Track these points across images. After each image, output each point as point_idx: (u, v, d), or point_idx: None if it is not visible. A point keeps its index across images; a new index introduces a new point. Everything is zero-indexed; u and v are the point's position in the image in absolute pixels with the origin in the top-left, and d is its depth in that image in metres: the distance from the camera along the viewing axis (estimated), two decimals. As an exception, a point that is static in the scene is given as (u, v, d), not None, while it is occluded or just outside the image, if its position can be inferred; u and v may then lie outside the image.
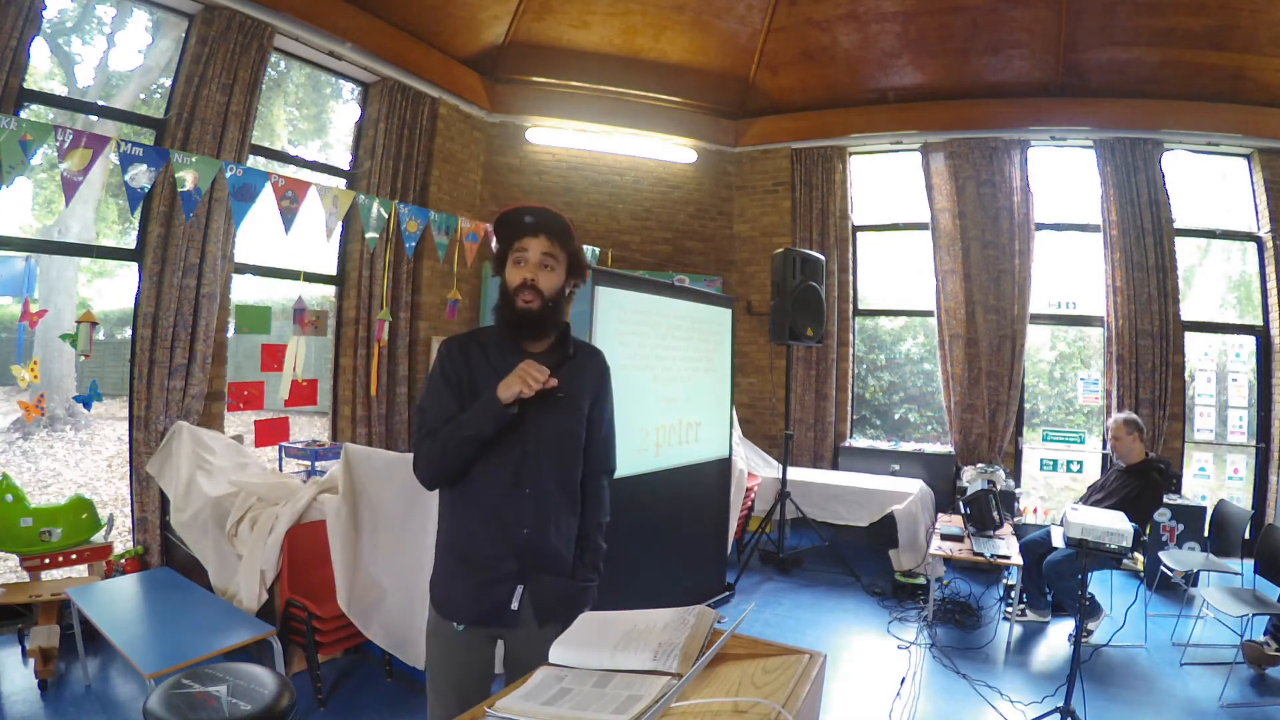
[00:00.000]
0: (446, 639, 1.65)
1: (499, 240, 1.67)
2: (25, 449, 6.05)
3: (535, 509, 1.63)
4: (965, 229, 5.90)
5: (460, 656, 1.65)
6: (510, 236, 1.63)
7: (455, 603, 1.64)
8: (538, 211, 1.62)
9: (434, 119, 5.56)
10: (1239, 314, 6.02)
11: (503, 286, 1.65)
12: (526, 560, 1.63)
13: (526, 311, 1.61)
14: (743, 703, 0.98)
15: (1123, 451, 4.01)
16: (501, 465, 1.61)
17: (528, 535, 1.62)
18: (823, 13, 5.82)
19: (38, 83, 4.78)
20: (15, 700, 2.81)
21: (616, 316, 3.51)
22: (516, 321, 1.62)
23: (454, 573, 1.65)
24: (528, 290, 1.60)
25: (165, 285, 3.83)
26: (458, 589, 1.64)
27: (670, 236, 6.68)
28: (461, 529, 1.66)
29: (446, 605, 1.65)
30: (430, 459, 1.60)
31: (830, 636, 3.93)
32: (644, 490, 3.66)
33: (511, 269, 1.63)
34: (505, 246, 1.65)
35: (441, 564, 1.69)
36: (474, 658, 1.66)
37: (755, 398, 6.57)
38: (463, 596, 1.63)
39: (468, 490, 1.64)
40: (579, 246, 1.70)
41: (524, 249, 1.62)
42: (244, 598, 3.06)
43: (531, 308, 1.61)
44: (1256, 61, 5.20)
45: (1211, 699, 3.18)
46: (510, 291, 1.63)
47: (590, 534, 1.76)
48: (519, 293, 1.61)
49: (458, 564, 1.65)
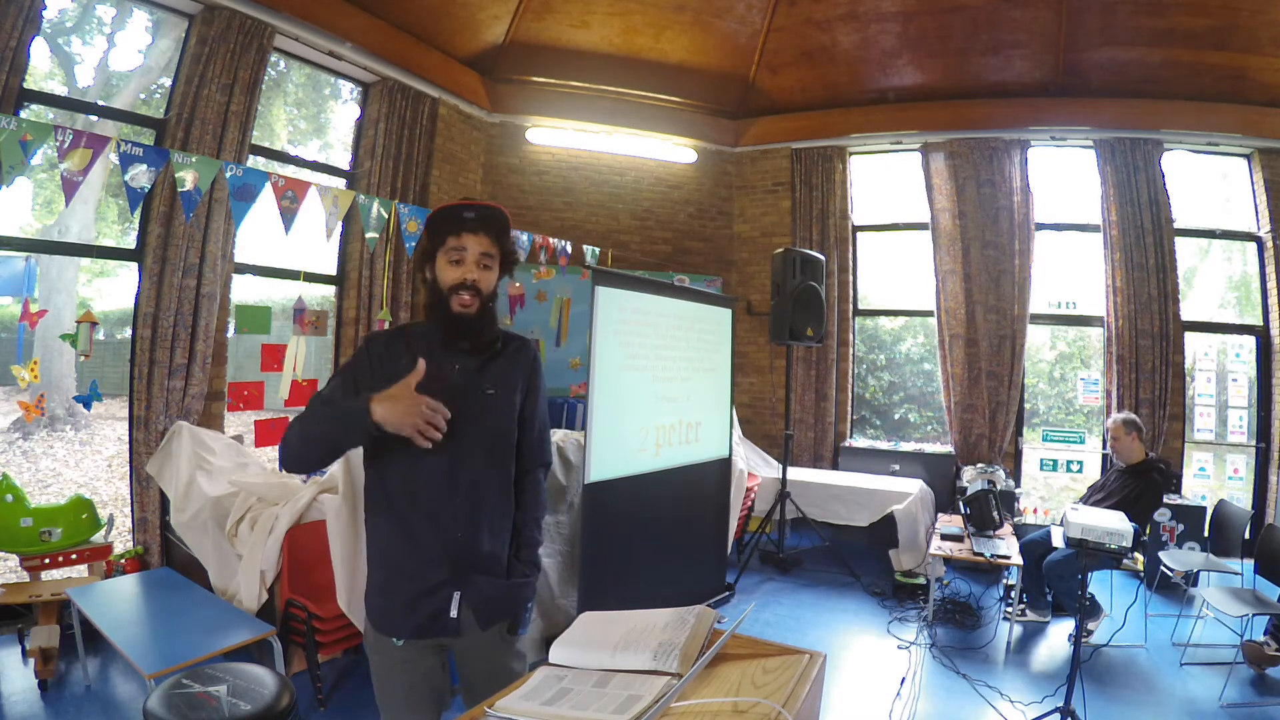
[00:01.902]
0: (387, 654, 1.57)
1: (430, 235, 1.57)
2: (25, 449, 6.05)
3: (469, 512, 1.56)
4: (965, 229, 5.90)
5: (405, 673, 1.57)
6: (444, 231, 1.54)
7: (391, 616, 1.55)
8: (480, 208, 1.55)
9: (434, 119, 5.56)
10: (1239, 314, 6.02)
11: (434, 285, 1.57)
12: (461, 565, 1.55)
13: (464, 315, 1.54)
14: (743, 703, 0.98)
15: (1122, 452, 4.01)
16: (433, 468, 1.53)
17: (461, 539, 1.55)
18: (823, 13, 5.82)
19: (38, 83, 4.79)
20: (15, 700, 2.81)
21: (616, 316, 3.51)
22: (454, 326, 1.55)
23: (387, 584, 1.57)
24: (466, 291, 1.53)
25: (165, 285, 3.83)
26: (393, 601, 1.55)
27: (670, 236, 6.68)
28: (393, 537, 1.56)
29: (382, 619, 1.57)
30: (288, 442, 1.47)
31: (830, 636, 3.93)
32: (644, 490, 3.66)
33: (447, 268, 1.54)
34: (437, 242, 1.55)
35: (373, 576, 1.60)
36: (421, 671, 1.58)
37: (755, 398, 6.57)
38: (399, 609, 1.55)
39: (397, 497, 1.55)
40: (513, 241, 1.65)
41: (461, 247, 1.53)
42: (244, 598, 3.06)
43: (469, 311, 1.54)
44: (1256, 61, 5.19)
45: (1211, 699, 3.18)
46: (444, 291, 1.54)
47: (527, 529, 1.70)
48: (455, 293, 1.53)
49: (391, 574, 1.56)
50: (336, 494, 2.94)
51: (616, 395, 3.49)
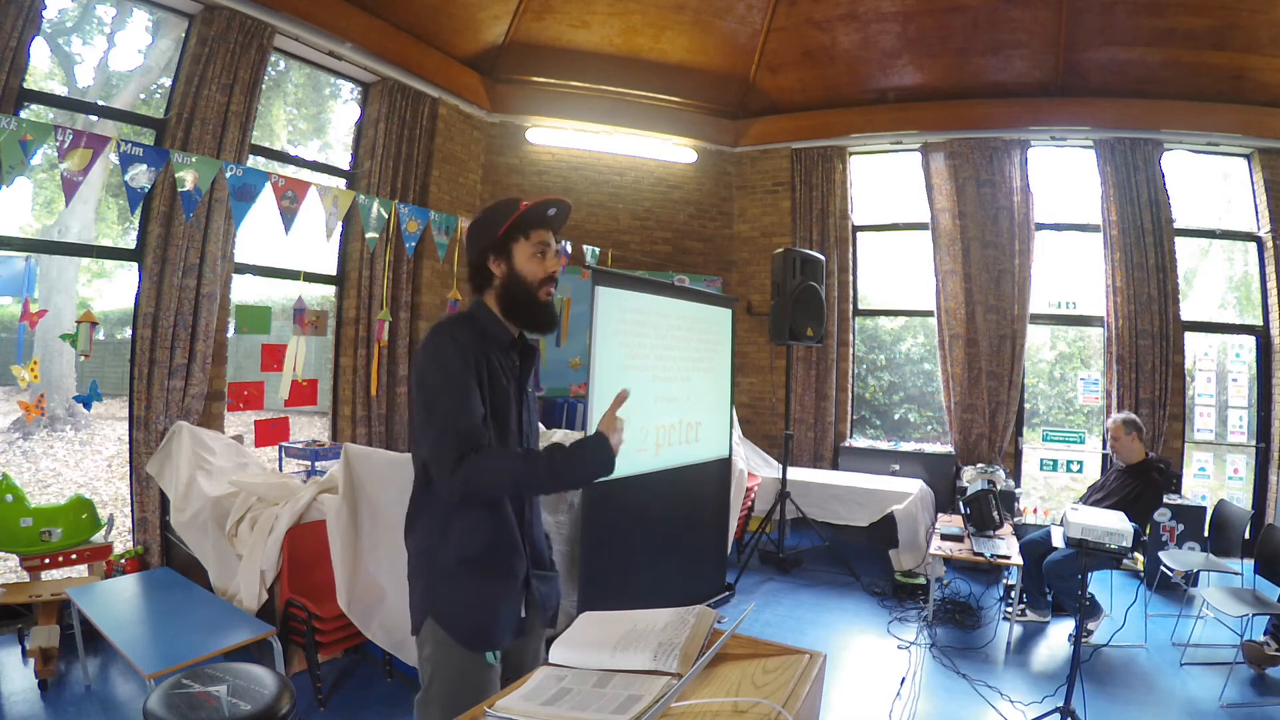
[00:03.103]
0: (477, 673, 1.41)
1: (512, 229, 1.54)
2: (25, 449, 6.05)
3: (533, 504, 1.61)
4: (965, 229, 5.90)
5: (488, 689, 1.40)
6: (527, 226, 1.55)
7: (490, 628, 1.43)
8: (562, 205, 1.56)
9: (434, 119, 5.56)
10: (1239, 314, 6.02)
11: (514, 278, 1.55)
12: (532, 561, 1.56)
13: (551, 305, 1.58)
14: (743, 703, 0.98)
15: (1122, 452, 4.01)
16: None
17: (534, 535, 1.59)
18: (823, 13, 5.82)
19: (38, 83, 4.79)
20: (15, 700, 2.80)
21: (616, 316, 3.51)
22: (547, 318, 1.58)
23: (480, 591, 1.45)
24: (552, 284, 1.57)
25: (165, 285, 3.83)
26: (489, 610, 1.44)
27: (670, 236, 6.68)
28: (500, 538, 1.48)
29: (478, 633, 1.43)
30: (486, 484, 1.39)
31: (830, 636, 3.93)
32: (644, 490, 3.66)
33: (532, 261, 1.55)
34: (518, 235, 1.54)
35: (463, 584, 1.45)
36: (496, 685, 1.43)
37: (755, 398, 6.57)
38: (500, 617, 1.44)
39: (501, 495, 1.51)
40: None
41: (547, 242, 1.56)
42: (244, 598, 3.06)
43: (551, 302, 1.59)
44: (1256, 61, 5.19)
45: (1211, 699, 3.18)
46: (532, 285, 1.55)
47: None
48: (543, 286, 1.56)
49: (485, 578, 1.45)
50: (336, 494, 2.95)
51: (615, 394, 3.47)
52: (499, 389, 1.50)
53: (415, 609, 1.50)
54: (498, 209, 1.59)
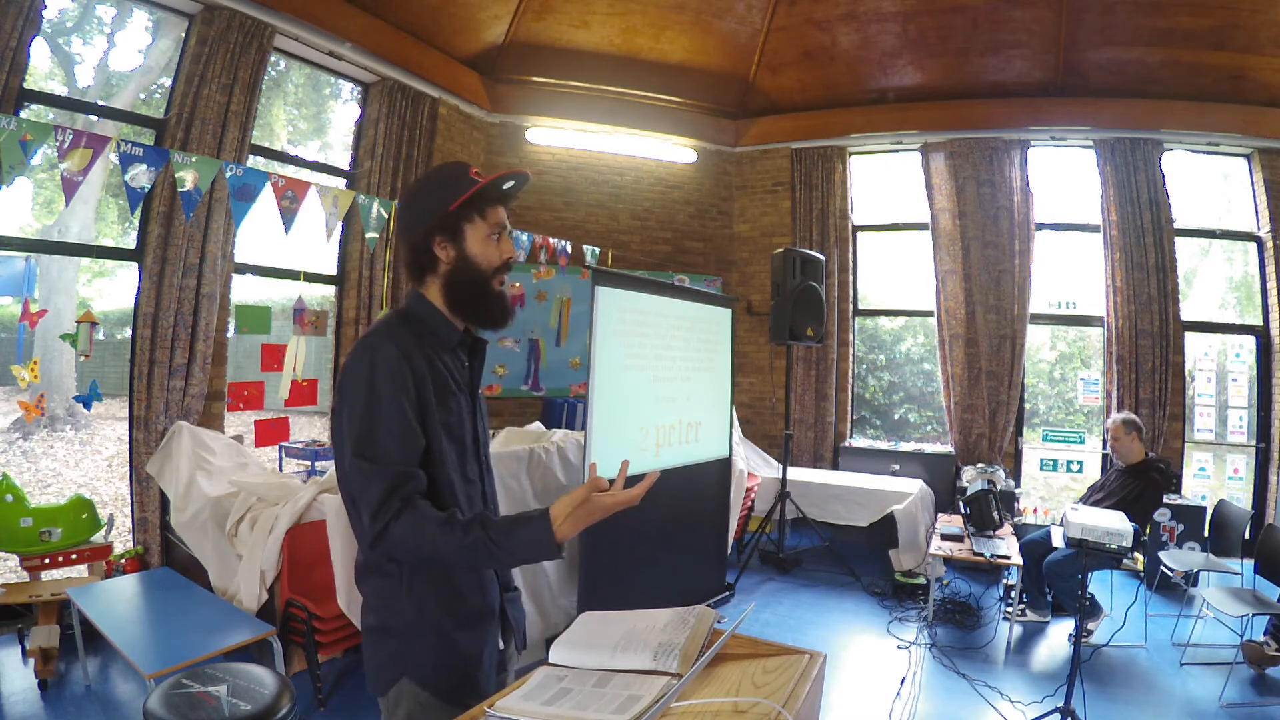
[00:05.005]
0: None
1: (465, 205, 1.29)
2: (25, 449, 6.05)
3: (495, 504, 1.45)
4: (965, 229, 5.90)
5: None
6: (484, 203, 1.30)
7: (476, 677, 1.26)
8: (520, 177, 1.32)
9: (434, 119, 5.56)
10: (1239, 314, 6.02)
11: (467, 265, 1.30)
12: (501, 583, 1.38)
13: (505, 296, 1.35)
14: (743, 703, 0.98)
15: (1122, 452, 4.01)
16: (474, 480, 1.36)
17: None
18: (823, 13, 5.82)
19: (38, 83, 4.79)
20: (15, 700, 2.81)
21: (616, 316, 3.51)
22: (501, 311, 1.34)
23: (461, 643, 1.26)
24: (506, 271, 1.34)
25: (165, 285, 3.83)
26: (474, 661, 1.27)
27: (670, 236, 6.68)
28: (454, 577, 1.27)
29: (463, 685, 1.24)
30: (414, 548, 1.14)
31: (830, 636, 3.93)
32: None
33: (487, 245, 1.30)
34: (472, 214, 1.29)
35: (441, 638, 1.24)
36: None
37: (755, 398, 6.57)
38: (484, 664, 1.28)
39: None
40: None
41: (503, 223, 1.33)
42: (244, 598, 3.06)
43: (505, 293, 1.35)
44: (1256, 61, 5.19)
45: (1211, 699, 3.18)
46: (486, 273, 1.31)
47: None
48: (497, 274, 1.32)
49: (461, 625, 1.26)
50: (336, 494, 2.95)
51: (616, 395, 3.48)
52: (450, 402, 1.28)
53: (382, 668, 1.25)
54: (443, 179, 1.31)
